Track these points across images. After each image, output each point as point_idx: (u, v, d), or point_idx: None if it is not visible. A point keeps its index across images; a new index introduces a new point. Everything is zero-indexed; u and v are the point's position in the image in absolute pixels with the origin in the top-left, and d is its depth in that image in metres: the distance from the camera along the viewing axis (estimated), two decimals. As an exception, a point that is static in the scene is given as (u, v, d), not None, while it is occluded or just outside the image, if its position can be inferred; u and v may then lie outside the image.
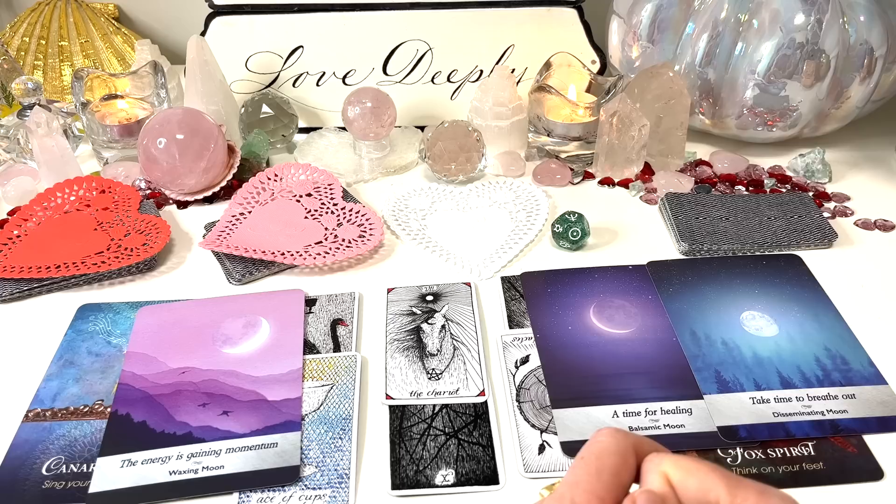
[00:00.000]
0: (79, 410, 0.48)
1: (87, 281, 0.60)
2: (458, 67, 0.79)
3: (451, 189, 0.71)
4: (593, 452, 0.24)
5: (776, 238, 0.62)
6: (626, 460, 0.24)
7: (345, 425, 0.47)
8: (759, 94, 0.69)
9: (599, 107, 0.70)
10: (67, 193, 0.68)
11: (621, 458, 0.24)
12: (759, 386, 0.48)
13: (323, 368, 0.51)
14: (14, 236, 0.63)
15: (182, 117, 0.66)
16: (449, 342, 0.53)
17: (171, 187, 0.68)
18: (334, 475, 0.44)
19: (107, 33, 0.91)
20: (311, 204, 0.67)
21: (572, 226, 0.61)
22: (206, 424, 0.47)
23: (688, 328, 0.53)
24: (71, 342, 0.54)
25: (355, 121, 0.72)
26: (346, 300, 0.57)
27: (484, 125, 0.74)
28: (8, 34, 0.89)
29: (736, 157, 0.73)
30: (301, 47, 0.78)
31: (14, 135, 0.75)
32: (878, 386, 0.48)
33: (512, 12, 0.78)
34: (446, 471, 0.44)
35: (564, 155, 0.74)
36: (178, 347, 0.53)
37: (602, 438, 0.24)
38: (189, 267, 0.62)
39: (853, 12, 0.67)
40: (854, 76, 0.69)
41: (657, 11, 0.73)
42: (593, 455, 0.24)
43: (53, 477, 0.44)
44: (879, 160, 0.75)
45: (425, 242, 0.64)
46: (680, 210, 0.65)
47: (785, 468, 0.44)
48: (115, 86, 0.79)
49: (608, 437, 0.24)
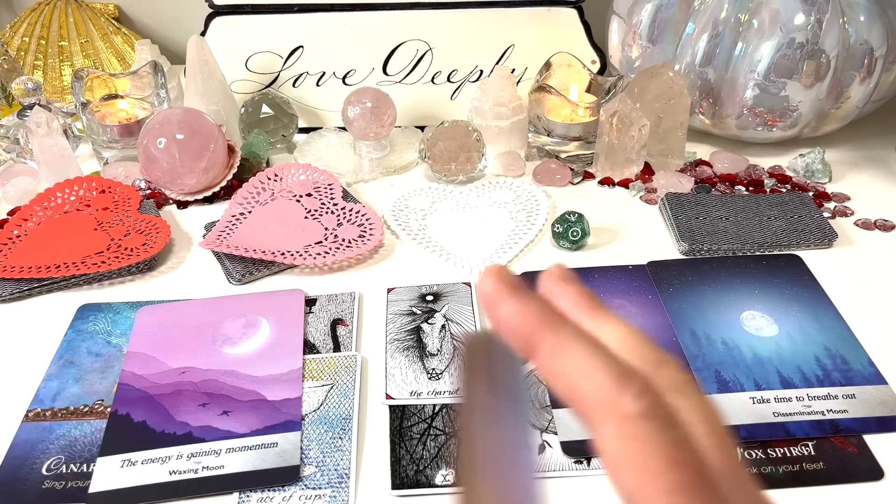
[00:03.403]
0: (79, 410, 0.48)
1: (87, 281, 0.60)
2: (458, 67, 0.79)
3: (451, 189, 0.71)
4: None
5: (776, 238, 0.62)
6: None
7: (345, 425, 0.47)
8: (759, 94, 0.69)
9: (599, 107, 0.70)
10: (67, 193, 0.68)
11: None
12: (759, 386, 0.48)
13: (323, 368, 0.51)
14: (14, 236, 0.63)
15: (182, 117, 0.66)
16: (449, 342, 0.53)
17: (171, 187, 0.68)
18: (334, 475, 0.44)
19: (107, 33, 0.91)
20: (311, 204, 0.67)
21: (572, 226, 0.61)
22: (206, 424, 0.47)
23: (688, 328, 0.53)
24: (71, 342, 0.54)
25: (355, 121, 0.72)
26: (346, 300, 0.57)
27: (484, 125, 0.74)
28: (8, 34, 0.89)
29: (736, 157, 0.73)
30: (301, 47, 0.78)
31: (14, 135, 0.75)
32: (878, 386, 0.48)
33: (512, 12, 0.78)
34: (446, 471, 0.44)
35: (564, 155, 0.74)
36: (178, 347, 0.53)
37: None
38: (189, 267, 0.62)
39: (853, 12, 0.67)
40: (854, 76, 0.69)
41: (657, 11, 0.73)
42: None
43: (53, 477, 0.44)
44: (879, 160, 0.75)
45: (425, 242, 0.64)
46: (680, 210, 0.65)
47: (785, 468, 0.44)
48: (115, 86, 0.79)
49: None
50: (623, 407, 0.19)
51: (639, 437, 0.19)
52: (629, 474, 0.19)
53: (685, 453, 0.19)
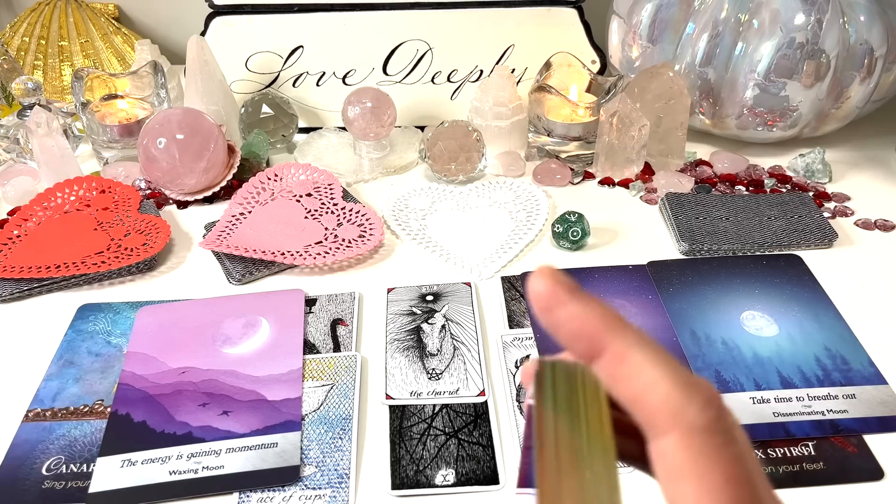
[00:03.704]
0: (79, 410, 0.48)
1: (87, 281, 0.60)
2: (458, 67, 0.79)
3: (451, 189, 0.71)
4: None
5: (776, 238, 0.62)
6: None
7: (345, 425, 0.47)
8: (759, 94, 0.69)
9: (599, 107, 0.70)
10: (67, 193, 0.68)
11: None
12: (759, 386, 0.48)
13: (323, 368, 0.51)
14: (14, 236, 0.63)
15: (182, 117, 0.66)
16: (449, 342, 0.53)
17: (171, 187, 0.68)
18: (334, 475, 0.44)
19: (107, 33, 0.91)
20: (311, 204, 0.67)
21: (572, 226, 0.61)
22: (206, 424, 0.47)
23: (688, 328, 0.53)
24: (71, 342, 0.54)
25: (355, 121, 0.72)
26: (346, 300, 0.57)
27: (484, 125, 0.74)
28: (8, 34, 0.89)
29: (736, 157, 0.73)
30: (301, 47, 0.78)
31: (14, 135, 0.75)
32: (878, 386, 0.48)
33: (512, 12, 0.78)
34: (446, 471, 0.44)
35: (564, 155, 0.74)
36: (178, 347, 0.53)
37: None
38: (189, 267, 0.62)
39: (853, 12, 0.67)
40: (854, 76, 0.69)
41: (657, 11, 0.73)
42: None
43: (53, 477, 0.44)
44: (879, 160, 0.75)
45: (425, 242, 0.64)
46: (680, 210, 0.65)
47: (785, 468, 0.44)
48: (115, 86, 0.79)
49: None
50: (689, 417, 0.19)
51: (703, 450, 0.19)
52: (688, 486, 0.19)
53: (744, 470, 0.19)
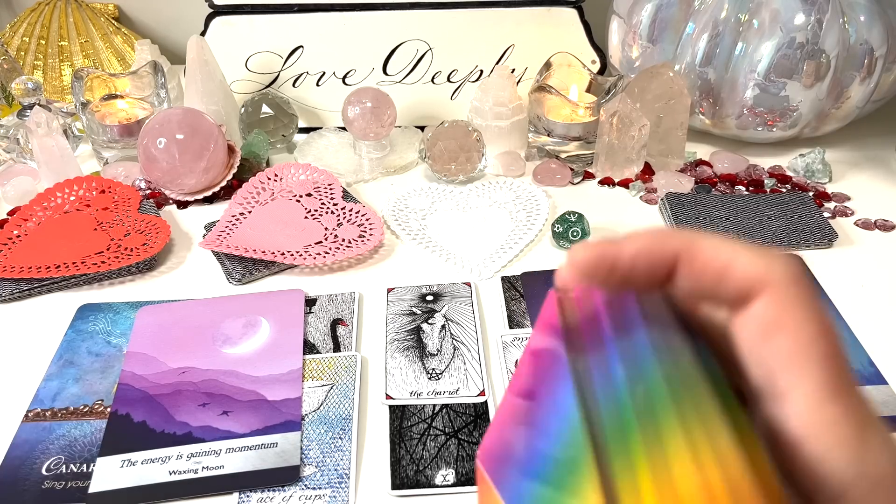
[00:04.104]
0: (79, 410, 0.48)
1: (87, 281, 0.60)
2: (458, 67, 0.79)
3: (451, 189, 0.71)
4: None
5: (776, 238, 0.62)
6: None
7: (345, 425, 0.47)
8: (759, 94, 0.69)
9: (599, 107, 0.70)
10: (67, 193, 0.68)
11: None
12: (759, 386, 0.48)
13: (323, 368, 0.51)
14: (14, 236, 0.63)
15: (182, 117, 0.66)
16: (449, 342, 0.53)
17: (171, 187, 0.68)
18: (334, 475, 0.44)
19: (107, 33, 0.91)
20: (311, 204, 0.67)
21: (572, 226, 0.61)
22: (206, 424, 0.47)
23: (688, 328, 0.53)
24: (71, 342, 0.54)
25: (355, 121, 0.72)
26: (346, 300, 0.57)
27: (484, 125, 0.74)
28: (8, 34, 0.89)
29: (736, 157, 0.73)
30: (301, 47, 0.78)
31: (14, 135, 0.75)
32: (878, 386, 0.48)
33: (512, 12, 0.78)
34: (446, 471, 0.44)
35: (564, 155, 0.74)
36: (178, 347, 0.53)
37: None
38: (189, 267, 0.62)
39: (853, 12, 0.67)
40: (854, 76, 0.69)
41: (657, 11, 0.73)
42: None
43: (53, 477, 0.44)
44: (879, 160, 0.75)
45: (425, 242, 0.64)
46: (680, 210, 0.65)
47: (785, 468, 0.43)
48: (115, 86, 0.79)
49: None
50: (778, 273, 0.20)
51: (796, 301, 0.19)
52: (784, 340, 0.19)
53: (832, 325, 0.19)
